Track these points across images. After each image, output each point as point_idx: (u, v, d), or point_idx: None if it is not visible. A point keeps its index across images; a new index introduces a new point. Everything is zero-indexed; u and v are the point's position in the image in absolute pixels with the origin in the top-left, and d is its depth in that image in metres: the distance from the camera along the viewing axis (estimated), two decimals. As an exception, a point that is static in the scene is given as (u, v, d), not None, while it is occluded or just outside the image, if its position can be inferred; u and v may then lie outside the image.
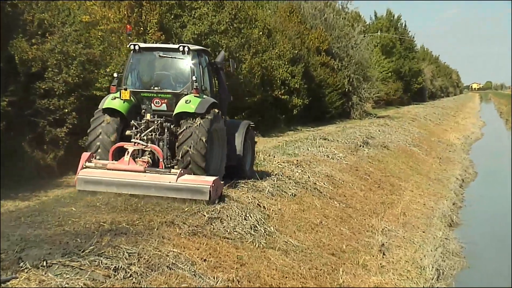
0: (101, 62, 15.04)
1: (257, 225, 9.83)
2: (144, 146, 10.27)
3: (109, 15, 16.95)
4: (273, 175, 13.49)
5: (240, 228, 9.41)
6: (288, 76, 26.78)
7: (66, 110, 13.32)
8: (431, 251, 12.72)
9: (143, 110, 10.90)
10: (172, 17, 19.41)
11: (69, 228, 7.87)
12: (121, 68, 14.95)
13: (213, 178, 9.81)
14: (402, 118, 38.11)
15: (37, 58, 12.95)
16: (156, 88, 11.02)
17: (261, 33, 24.79)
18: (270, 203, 11.35)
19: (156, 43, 16.65)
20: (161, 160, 10.20)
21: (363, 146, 21.95)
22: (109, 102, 10.79)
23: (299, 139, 21.34)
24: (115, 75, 11.15)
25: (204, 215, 9.18)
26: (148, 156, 10.36)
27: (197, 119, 10.41)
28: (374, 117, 37.40)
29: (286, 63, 26.74)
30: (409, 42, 62.60)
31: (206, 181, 9.67)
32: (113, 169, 9.86)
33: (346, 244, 11.38)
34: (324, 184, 14.70)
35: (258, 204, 10.85)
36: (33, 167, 12.69)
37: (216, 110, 10.89)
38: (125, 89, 10.71)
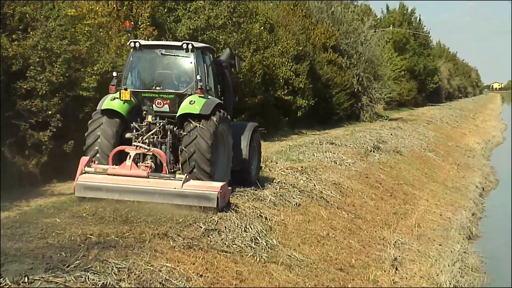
0: (88, 60, 15.07)
1: (258, 238, 9.83)
2: (147, 150, 10.47)
3: (97, 8, 17.01)
4: (275, 182, 13.50)
5: (240, 241, 9.41)
6: (291, 75, 26.82)
7: (50, 112, 13.34)
8: (448, 266, 12.71)
9: (144, 112, 11.08)
10: (165, 10, 19.48)
11: (53, 240, 7.87)
12: (110, 67, 15.01)
13: (221, 183, 9.99)
14: (417, 121, 38.15)
15: (18, 55, 12.99)
16: (157, 88, 11.23)
17: (262, 28, 24.86)
18: (272, 213, 11.35)
19: (148, 39, 16.69)
20: (164, 164, 10.36)
21: (373, 151, 21.96)
22: (108, 103, 10.93)
23: (303, 144, 21.37)
24: (114, 74, 11.32)
25: (200, 227, 9.19)
26: (151, 160, 10.53)
27: (202, 121, 10.63)
28: (386, 119, 37.44)
29: (289, 60, 26.78)
30: (424, 37, 62.74)
31: (213, 187, 9.86)
32: (114, 175, 10.03)
33: (355, 258, 11.38)
34: (331, 192, 14.71)
35: (259, 214, 10.86)
36: (13, 174, 12.70)
37: (222, 111, 11.07)
38: (125, 89, 10.88)
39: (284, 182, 13.70)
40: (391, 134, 27.99)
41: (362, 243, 12.50)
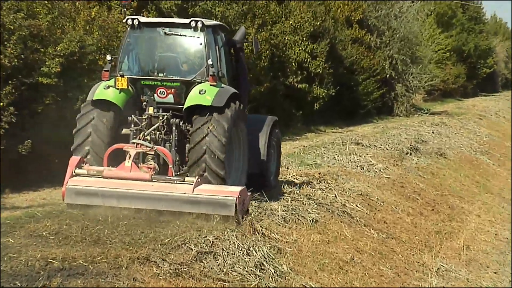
0: (49, 38, 15.10)
1: (264, 263, 9.81)
2: (149, 149, 10.74)
3: (60, -27, 17.07)
4: (286, 193, 13.49)
5: (241, 267, 9.40)
6: (307, 57, 26.83)
7: (1, 104, 13.37)
8: (506, 299, 12.68)
9: (144, 103, 11.32)
10: (147, -24, 19.51)
11: (5, 266, 7.87)
12: (77, 47, 15.05)
13: (239, 188, 10.33)
14: (465, 115, 38.08)
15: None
16: (160, 74, 11.49)
17: (269, -3, 24.90)
18: (282, 232, 11.34)
19: (125, 13, 16.73)
20: (170, 166, 10.64)
21: (411, 154, 21.90)
22: (101, 92, 11.16)
23: (322, 144, 21.30)
24: (108, 57, 11.55)
25: (191, 249, 9.18)
26: (153, 160, 10.85)
27: (214, 114, 10.86)
28: (426, 113, 37.35)
29: (304, 39, 26.80)
30: (475, 10, 62.72)
31: (230, 192, 10.18)
32: (111, 178, 10.34)
33: (387, 289, 11.36)
34: (356, 206, 14.69)
35: (265, 233, 10.85)
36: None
37: (238, 103, 11.33)
38: (121, 76, 11.10)
39: (297, 193, 13.69)
40: (432, 132, 27.89)
41: (396, 270, 12.47)
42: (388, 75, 35.75)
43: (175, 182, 10.34)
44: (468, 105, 45.88)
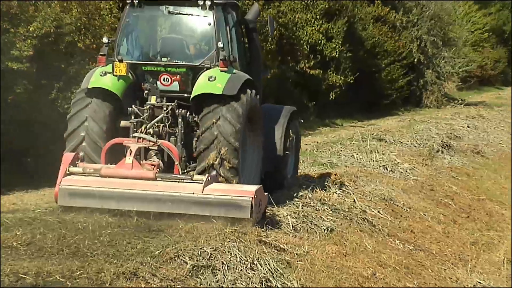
0: (20, 16, 15.10)
1: (271, 279, 9.81)
2: (152, 143, 10.94)
3: None
4: (297, 197, 13.48)
5: (244, 283, 9.40)
6: (321, 39, 26.78)
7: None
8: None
9: (146, 91, 11.48)
10: None
11: (-31, 282, 7.90)
12: (53, 26, 15.01)
13: (255, 187, 10.53)
14: (506, 107, 37.93)
15: None
16: (164, 59, 11.68)
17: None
18: (292, 242, 11.33)
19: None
20: (176, 163, 10.85)
21: (442, 152, 21.89)
22: (97, 79, 11.33)
23: (338, 140, 21.28)
24: (104, 40, 11.64)
25: (186, 262, 9.18)
26: (156, 156, 11.09)
27: (226, 104, 11.05)
28: (461, 104, 37.30)
29: (318, 17, 26.76)
30: (517, -17, 62.50)
31: (245, 192, 10.38)
32: (109, 176, 10.58)
33: (414, 309, 11.38)
34: (379, 212, 14.68)
35: (272, 244, 10.86)
36: None
37: (252, 91, 11.51)
38: (120, 61, 11.24)
39: (309, 197, 13.66)
40: (468, 126, 27.85)
41: (425, 286, 12.47)
42: (416, 60, 35.70)
43: (182, 181, 10.51)
44: (509, 95, 45.69)
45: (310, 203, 13.36)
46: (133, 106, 11.36)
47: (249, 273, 9.65)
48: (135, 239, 9.55)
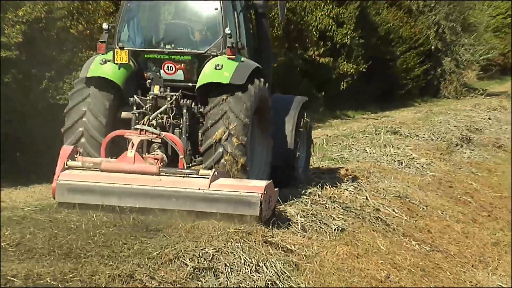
0: (8, 1, 15.08)
1: (278, 282, 9.81)
2: (156, 136, 11.07)
3: None
4: (305, 194, 13.48)
5: (249, 286, 9.39)
6: (331, 24, 26.76)
7: None
8: None
9: (149, 80, 11.64)
10: None
11: (-47, 285, 7.90)
12: (43, 11, 14.99)
13: (265, 182, 10.66)
14: (531, 97, 37.95)
15: None
16: (168, 46, 11.79)
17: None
18: (300, 243, 11.33)
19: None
20: (181, 156, 11.00)
21: (461, 146, 21.90)
22: (96, 67, 11.46)
23: (350, 133, 21.27)
24: (104, 26, 11.70)
25: (186, 264, 9.18)
26: (160, 150, 11.21)
27: (234, 94, 11.20)
28: (481, 94, 37.26)
29: (328, 1, 26.74)
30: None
31: (254, 187, 10.49)
32: (110, 171, 10.74)
33: (431, 315, 11.37)
34: (393, 211, 14.67)
35: (279, 244, 10.85)
36: None
37: (261, 80, 11.62)
38: (121, 48, 11.36)
39: (319, 194, 13.66)
40: (489, 118, 27.81)
41: (442, 291, 12.47)
42: (433, 47, 35.68)
43: (188, 175, 10.61)
44: (533, 85, 45.68)
45: (320, 200, 13.37)
46: (135, 96, 11.46)
47: (254, 275, 9.65)
48: (132, 239, 9.55)
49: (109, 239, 9.49)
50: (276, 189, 11.01)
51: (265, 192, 10.32)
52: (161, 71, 11.63)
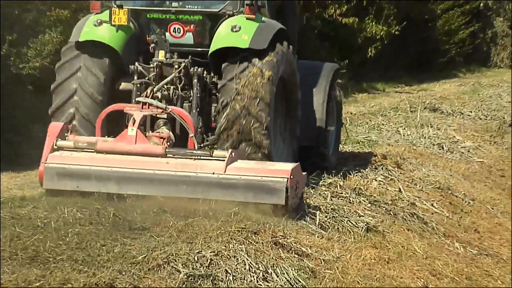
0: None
1: (291, 292, 9.84)
2: (161, 111, 11.10)
3: None
4: (324, 185, 13.51)
5: (255, 299, 9.43)
6: (355, -24, 26.76)
7: None
8: None
9: (152, 45, 11.77)
10: None
11: None
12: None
13: (291, 165, 10.80)
14: None
15: None
16: (174, 4, 11.96)
17: None
18: (317, 244, 11.37)
19: None
20: (191, 135, 11.14)
21: (516, 126, 21.84)
22: (90, 30, 11.62)
23: (379, 110, 21.32)
24: None
25: (178, 271, 9.20)
26: (166, 127, 11.28)
27: (253, 60, 11.33)
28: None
29: None
30: None
31: (278, 171, 10.66)
32: (107, 152, 10.91)
33: (479, 333, 11.40)
34: (432, 206, 14.72)
35: (292, 247, 10.85)
36: None
37: (286, 44, 11.78)
38: (119, 7, 11.46)
39: (340, 185, 13.75)
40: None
41: (492, 303, 12.49)
42: (482, 4, 35.59)
43: (199, 157, 10.74)
44: None
45: (342, 193, 13.44)
46: (136, 63, 11.58)
47: (261, 285, 9.68)
48: (112, 240, 9.56)
49: (84, 240, 9.48)
50: (304, 173, 11.11)
51: (291, 177, 10.40)
52: (167, 33, 11.80)
